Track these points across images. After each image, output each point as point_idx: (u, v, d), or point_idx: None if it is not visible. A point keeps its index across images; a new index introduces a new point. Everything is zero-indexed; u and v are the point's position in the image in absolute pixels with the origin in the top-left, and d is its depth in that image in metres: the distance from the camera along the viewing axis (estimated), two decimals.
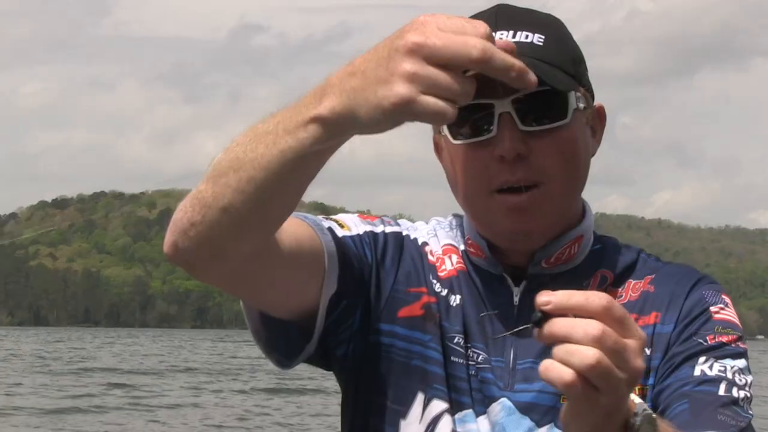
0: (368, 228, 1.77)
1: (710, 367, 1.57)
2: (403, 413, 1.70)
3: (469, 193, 1.64)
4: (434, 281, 1.75)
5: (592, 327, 1.23)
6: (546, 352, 1.46)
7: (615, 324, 1.24)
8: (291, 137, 1.33)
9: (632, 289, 1.70)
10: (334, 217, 1.78)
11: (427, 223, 1.87)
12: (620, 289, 1.70)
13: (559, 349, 1.24)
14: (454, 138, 1.62)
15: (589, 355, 1.21)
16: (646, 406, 1.35)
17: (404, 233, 1.80)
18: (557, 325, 1.24)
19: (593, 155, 1.70)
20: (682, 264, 1.75)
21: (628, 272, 1.73)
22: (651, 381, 1.60)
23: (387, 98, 1.23)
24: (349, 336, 1.73)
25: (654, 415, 1.34)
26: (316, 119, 1.31)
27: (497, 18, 1.62)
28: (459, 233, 1.81)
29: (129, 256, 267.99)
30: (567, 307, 1.25)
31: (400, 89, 1.22)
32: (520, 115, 1.57)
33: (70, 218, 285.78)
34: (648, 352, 1.59)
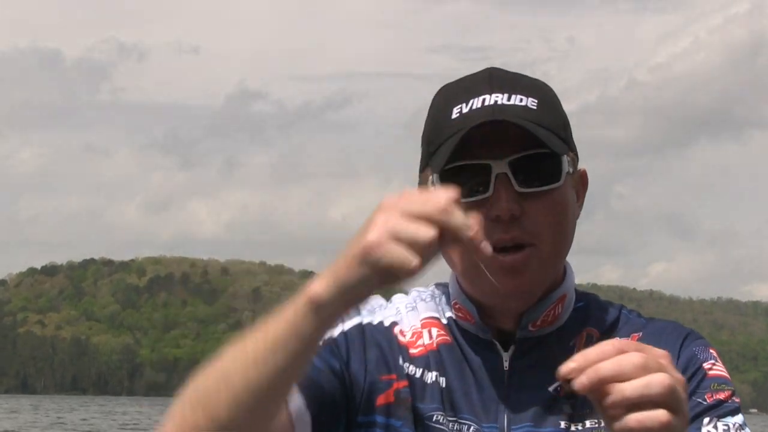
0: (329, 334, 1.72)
1: (715, 427, 1.60)
2: None
3: (461, 252, 1.63)
4: (405, 364, 1.73)
5: (633, 356, 1.25)
6: (539, 416, 1.59)
7: (638, 350, 1.29)
8: (292, 330, 1.39)
9: None
10: None
11: (407, 293, 1.85)
12: None
13: (631, 389, 1.24)
14: None
15: (660, 378, 1.24)
16: None
17: (364, 322, 1.78)
18: (603, 368, 1.26)
19: (577, 217, 1.72)
20: (666, 320, 1.77)
21: (612, 329, 1.73)
22: None
23: (358, 245, 1.31)
24: None
25: None
26: (310, 302, 1.36)
27: (491, 81, 1.65)
28: (443, 301, 1.80)
29: (118, 324, 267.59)
30: (590, 363, 1.26)
31: (370, 236, 1.29)
32: (516, 176, 1.58)
33: (59, 285, 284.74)
34: None
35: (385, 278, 1.31)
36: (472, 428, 1.66)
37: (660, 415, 1.24)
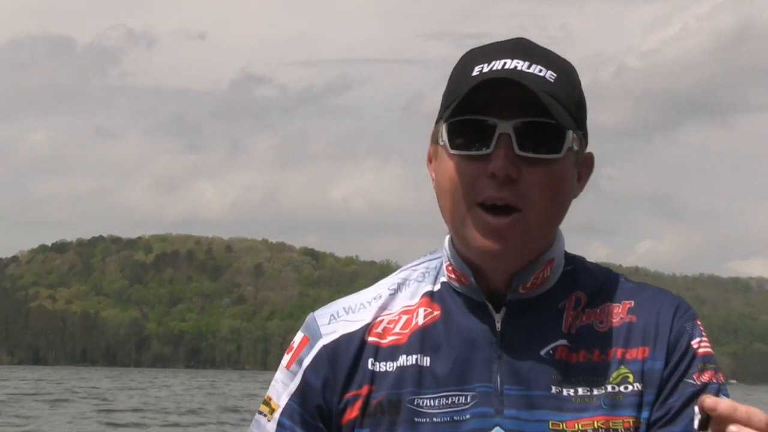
0: (294, 381, 1.76)
1: None
2: None
3: (453, 201, 1.65)
4: (374, 365, 1.72)
5: None
6: (532, 378, 1.63)
7: None
8: None
9: (612, 314, 1.71)
10: (265, 399, 1.79)
11: (406, 269, 1.85)
12: (598, 312, 1.71)
13: None
14: (452, 147, 1.63)
15: None
16: None
17: (327, 343, 1.77)
18: (731, 429, 1.31)
19: (575, 197, 1.72)
20: (656, 288, 1.77)
21: (602, 294, 1.74)
22: (645, 415, 1.63)
23: None
24: None
25: None
26: None
27: (516, 48, 1.66)
28: (435, 271, 1.81)
29: (125, 299, 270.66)
30: (732, 418, 1.32)
31: None
32: (519, 139, 1.59)
33: (69, 261, 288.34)
34: (640, 387, 1.64)
35: None
36: (470, 396, 1.66)
37: None
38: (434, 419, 1.64)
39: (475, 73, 1.62)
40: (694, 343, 1.68)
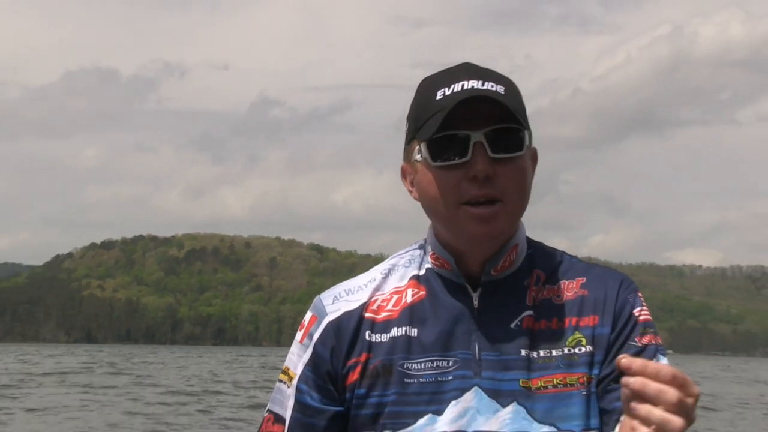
0: (307, 352, 1.78)
1: None
2: None
3: (442, 205, 1.66)
4: (370, 336, 1.74)
5: (673, 394, 1.33)
6: (504, 345, 1.66)
7: (680, 387, 1.34)
8: None
9: (567, 289, 1.74)
10: (283, 369, 1.81)
11: (394, 257, 1.86)
12: (556, 287, 1.74)
13: (654, 417, 1.33)
14: (434, 160, 1.65)
15: (678, 423, 1.33)
16: None
17: (332, 319, 1.78)
18: (649, 387, 1.33)
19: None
20: (605, 267, 1.80)
21: (558, 272, 1.77)
22: (596, 372, 1.66)
23: None
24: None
25: None
26: None
27: (468, 70, 1.69)
28: (421, 258, 1.82)
29: (162, 287, 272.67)
30: (644, 373, 1.34)
31: None
32: (490, 144, 1.62)
33: (114, 257, 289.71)
34: (591, 349, 1.67)
35: None
36: (451, 360, 1.68)
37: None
38: (421, 380, 1.67)
39: (438, 96, 1.64)
40: (636, 311, 1.71)
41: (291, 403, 1.76)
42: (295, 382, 1.77)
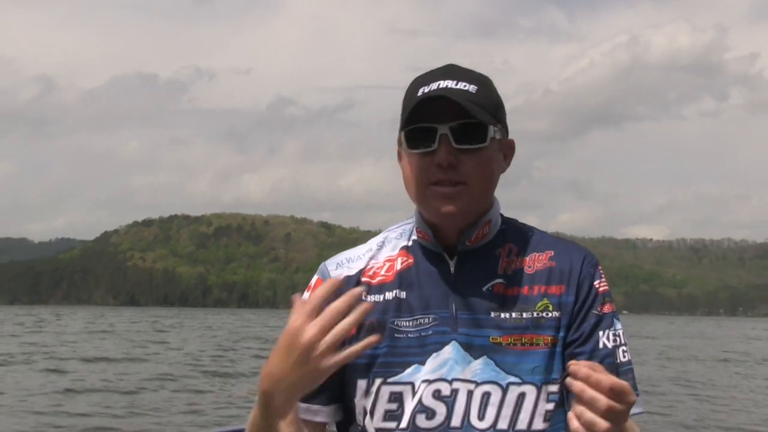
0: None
1: (608, 339, 1.65)
2: (360, 409, 1.67)
3: (415, 185, 1.66)
4: (367, 298, 1.70)
5: (603, 402, 1.33)
6: (478, 306, 1.64)
7: (614, 396, 1.33)
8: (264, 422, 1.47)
9: (536, 260, 1.71)
10: None
11: (388, 231, 1.85)
12: (527, 259, 1.70)
13: (584, 418, 1.34)
14: (410, 148, 1.65)
15: (604, 427, 1.33)
16: None
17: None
18: (586, 393, 1.33)
19: (503, 172, 1.72)
20: (570, 242, 1.77)
21: (529, 246, 1.73)
22: (561, 334, 1.64)
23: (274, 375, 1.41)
24: None
25: None
26: (262, 396, 1.44)
27: (445, 71, 1.67)
28: (409, 232, 1.80)
29: (194, 259, 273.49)
30: (586, 379, 1.34)
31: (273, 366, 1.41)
32: (454, 136, 1.61)
33: (153, 233, 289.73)
34: (558, 314, 1.65)
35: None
36: (431, 317, 1.67)
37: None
38: (409, 335, 1.66)
39: (419, 93, 1.64)
40: (596, 283, 1.70)
41: None
42: None
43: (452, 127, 1.62)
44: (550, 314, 1.64)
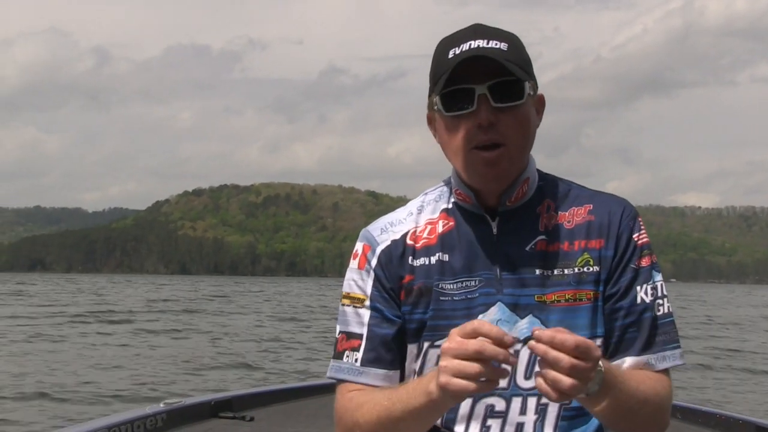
0: (370, 276, 1.77)
1: (645, 293, 1.66)
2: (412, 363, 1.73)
3: (456, 149, 1.65)
4: (412, 261, 1.74)
5: (566, 361, 1.36)
6: (521, 265, 1.66)
7: (580, 354, 1.36)
8: (419, 403, 1.52)
9: (576, 215, 1.71)
10: (344, 294, 1.79)
11: (424, 194, 1.85)
12: (566, 214, 1.71)
13: (550, 377, 1.37)
14: (447, 111, 1.63)
15: (567, 383, 1.37)
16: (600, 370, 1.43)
17: (384, 247, 1.78)
18: (549, 354, 1.36)
19: (537, 126, 1.71)
20: (609, 194, 1.77)
21: (568, 200, 1.73)
22: (601, 288, 1.66)
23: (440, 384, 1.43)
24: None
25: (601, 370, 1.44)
26: (427, 394, 1.49)
27: (475, 31, 1.66)
28: (448, 193, 1.80)
29: (243, 228, 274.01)
30: (551, 343, 1.37)
31: (440, 379, 1.42)
32: (492, 95, 1.60)
33: (204, 202, 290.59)
34: (597, 269, 1.66)
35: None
36: (477, 280, 1.68)
37: (549, 394, 1.38)
38: (454, 298, 1.68)
39: (450, 55, 1.62)
40: (635, 236, 1.69)
41: (367, 319, 1.73)
42: (368, 302, 1.75)
43: (490, 86, 1.60)
44: (590, 269, 1.65)
